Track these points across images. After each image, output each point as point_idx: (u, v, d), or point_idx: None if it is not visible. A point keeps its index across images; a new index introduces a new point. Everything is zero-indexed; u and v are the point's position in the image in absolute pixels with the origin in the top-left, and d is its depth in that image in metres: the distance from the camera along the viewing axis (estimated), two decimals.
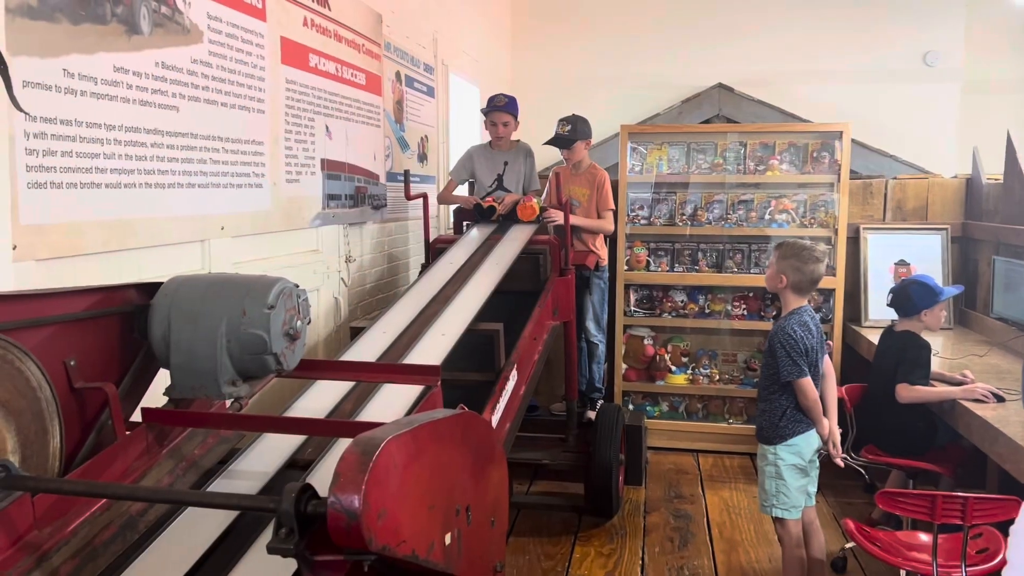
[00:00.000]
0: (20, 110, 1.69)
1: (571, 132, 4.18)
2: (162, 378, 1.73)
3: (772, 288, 3.04)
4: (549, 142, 4.23)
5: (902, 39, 6.48)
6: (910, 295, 3.38)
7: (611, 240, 4.91)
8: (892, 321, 3.57)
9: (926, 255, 4.65)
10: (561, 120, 4.25)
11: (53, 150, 1.84)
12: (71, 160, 1.90)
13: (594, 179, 4.31)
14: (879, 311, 4.56)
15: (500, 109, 4.22)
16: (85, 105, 1.94)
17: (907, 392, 3.20)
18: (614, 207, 4.43)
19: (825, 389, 2.98)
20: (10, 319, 1.43)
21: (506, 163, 4.30)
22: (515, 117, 4.27)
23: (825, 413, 2.93)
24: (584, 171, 4.34)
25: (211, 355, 1.62)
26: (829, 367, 3.04)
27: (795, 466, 2.88)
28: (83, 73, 1.93)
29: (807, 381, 2.84)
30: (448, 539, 1.37)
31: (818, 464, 2.96)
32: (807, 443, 2.89)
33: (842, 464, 3.08)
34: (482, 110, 4.28)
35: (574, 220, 4.17)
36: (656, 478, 4.41)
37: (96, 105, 1.97)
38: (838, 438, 2.97)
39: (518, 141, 4.39)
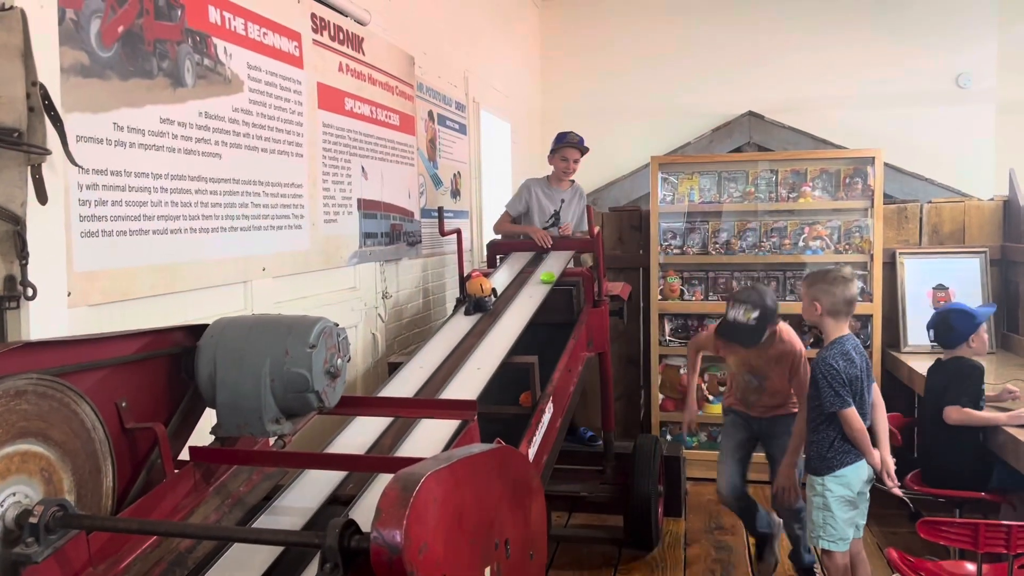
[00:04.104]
0: (75, 164, 1.77)
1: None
2: (208, 417, 1.79)
3: (809, 319, 3.03)
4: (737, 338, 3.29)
5: (933, 61, 6.45)
6: (952, 325, 3.31)
7: (644, 270, 4.95)
8: (938, 358, 3.49)
9: (965, 279, 4.59)
10: (746, 305, 3.21)
11: (104, 200, 1.92)
12: (121, 209, 1.98)
13: None
14: (918, 336, 4.50)
15: (574, 146, 4.33)
16: (133, 156, 2.03)
17: (956, 414, 3.15)
18: None
19: (876, 419, 2.95)
20: (66, 363, 1.50)
21: (563, 201, 4.41)
22: (582, 155, 4.40)
23: (876, 443, 2.90)
24: None
25: (255, 394, 1.67)
26: (878, 396, 3.01)
27: (843, 498, 2.84)
28: (132, 126, 2.02)
29: (851, 411, 2.81)
30: (488, 573, 1.39)
31: (868, 496, 2.92)
32: (856, 474, 2.86)
33: (900, 494, 3.04)
34: (556, 147, 4.36)
35: None
36: (696, 509, 4.37)
37: (144, 155, 2.06)
38: (892, 467, 2.92)
39: (573, 181, 4.50)
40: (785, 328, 3.35)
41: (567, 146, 4.33)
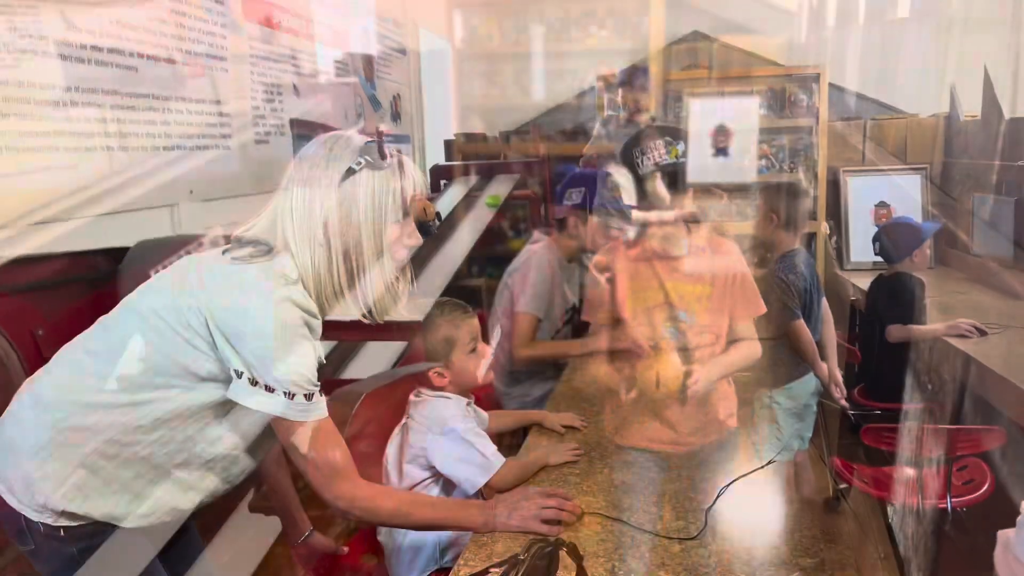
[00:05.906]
0: None
1: None
2: None
3: (763, 233, 2.99)
4: None
5: None
6: (897, 238, 3.33)
7: None
8: (880, 273, 3.51)
9: (906, 196, 4.64)
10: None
11: (6, 113, 1.76)
12: (27, 124, 1.82)
13: None
14: (860, 254, 4.56)
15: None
16: (39, 65, 1.86)
17: (898, 332, 3.20)
18: None
19: (824, 332, 2.97)
20: None
21: None
22: None
23: (824, 356, 2.92)
24: None
25: None
26: (827, 310, 3.02)
27: (790, 410, 2.87)
28: (33, 33, 1.84)
29: (799, 324, 2.82)
30: None
31: (815, 409, 2.95)
32: (803, 388, 2.89)
33: (846, 405, 3.09)
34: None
35: None
36: None
37: (51, 65, 1.89)
38: (839, 380, 2.96)
39: None
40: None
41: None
